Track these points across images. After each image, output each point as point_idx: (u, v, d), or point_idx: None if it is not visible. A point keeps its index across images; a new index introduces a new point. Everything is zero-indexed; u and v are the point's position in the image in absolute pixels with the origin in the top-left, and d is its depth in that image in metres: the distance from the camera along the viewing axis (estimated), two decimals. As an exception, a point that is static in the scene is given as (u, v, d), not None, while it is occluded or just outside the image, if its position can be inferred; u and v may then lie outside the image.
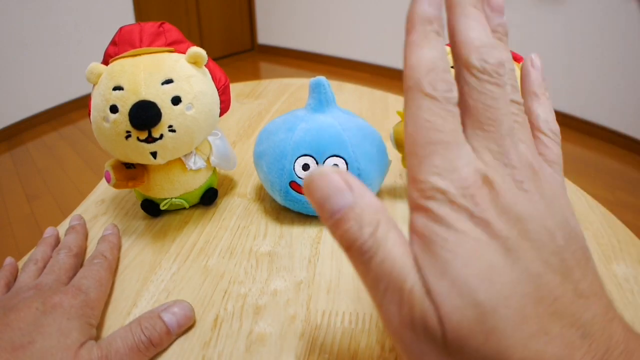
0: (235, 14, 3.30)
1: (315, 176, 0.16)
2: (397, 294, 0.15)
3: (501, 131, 0.16)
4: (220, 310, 0.29)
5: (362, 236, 0.15)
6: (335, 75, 2.74)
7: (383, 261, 0.15)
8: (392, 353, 0.26)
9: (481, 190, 0.15)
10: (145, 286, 0.31)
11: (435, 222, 0.15)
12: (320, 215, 0.16)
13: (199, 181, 0.38)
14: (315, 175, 0.16)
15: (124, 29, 0.34)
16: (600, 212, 0.39)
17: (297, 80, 0.75)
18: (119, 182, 0.34)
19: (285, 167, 0.35)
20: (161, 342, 0.26)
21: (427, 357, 0.14)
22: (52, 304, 0.25)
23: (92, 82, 0.33)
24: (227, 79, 0.38)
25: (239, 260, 0.33)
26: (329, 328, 0.27)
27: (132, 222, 0.39)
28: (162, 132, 0.31)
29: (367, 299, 0.30)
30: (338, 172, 0.16)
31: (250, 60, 3.33)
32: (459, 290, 0.14)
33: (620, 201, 1.57)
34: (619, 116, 1.91)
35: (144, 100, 0.30)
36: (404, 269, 0.15)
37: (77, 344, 0.24)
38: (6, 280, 0.30)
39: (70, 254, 0.32)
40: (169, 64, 0.32)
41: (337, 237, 0.16)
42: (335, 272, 0.32)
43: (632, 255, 0.34)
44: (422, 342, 0.14)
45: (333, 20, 2.93)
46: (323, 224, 0.16)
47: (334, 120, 0.36)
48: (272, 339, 0.27)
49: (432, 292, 0.14)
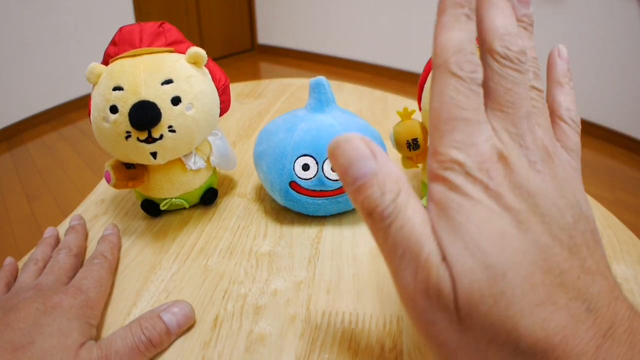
0: (235, 14, 3.30)
1: (340, 142, 0.17)
2: (414, 260, 0.15)
3: (519, 114, 0.16)
4: (220, 310, 0.29)
5: (384, 202, 0.16)
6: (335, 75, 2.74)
7: (402, 227, 0.15)
8: (392, 353, 0.26)
9: (496, 165, 0.16)
10: (145, 286, 0.31)
11: (452, 190, 0.15)
12: (342, 180, 0.17)
13: (199, 181, 0.38)
14: (341, 140, 0.17)
15: (124, 29, 0.34)
16: (600, 212, 0.39)
17: (297, 80, 0.75)
18: (119, 182, 0.34)
19: (285, 167, 0.35)
20: (161, 342, 0.26)
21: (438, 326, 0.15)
22: (52, 304, 0.25)
23: (92, 82, 0.33)
24: (227, 79, 0.38)
25: (239, 260, 0.33)
26: (329, 328, 0.27)
27: (132, 222, 0.39)
28: (162, 132, 0.31)
29: (367, 299, 0.30)
30: (362, 139, 0.17)
31: (250, 60, 3.33)
32: (471, 252, 0.14)
33: (620, 201, 1.57)
34: (619, 116, 1.91)
35: (144, 100, 0.30)
36: (422, 236, 0.15)
37: (77, 344, 0.24)
38: (6, 280, 0.30)
39: (70, 254, 0.32)
40: (169, 64, 0.32)
41: (359, 203, 0.16)
42: (335, 272, 0.32)
43: (632, 255, 0.34)
44: (435, 309, 0.15)
45: (333, 20, 2.93)
46: (346, 188, 0.17)
47: (334, 120, 0.36)
48: (272, 339, 0.27)
49: (446, 254, 0.15)
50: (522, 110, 0.17)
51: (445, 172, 0.16)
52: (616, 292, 0.15)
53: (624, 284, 0.31)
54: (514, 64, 0.17)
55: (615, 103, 1.90)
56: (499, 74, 0.17)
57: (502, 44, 0.17)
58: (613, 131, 1.94)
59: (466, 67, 0.16)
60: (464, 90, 0.16)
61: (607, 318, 0.14)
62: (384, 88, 0.73)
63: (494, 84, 0.17)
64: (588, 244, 0.16)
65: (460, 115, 0.16)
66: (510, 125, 0.16)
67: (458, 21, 0.17)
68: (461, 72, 0.16)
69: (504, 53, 0.17)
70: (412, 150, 0.35)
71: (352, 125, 0.36)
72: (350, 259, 0.33)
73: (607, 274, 0.16)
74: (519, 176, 0.16)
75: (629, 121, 1.89)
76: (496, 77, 0.17)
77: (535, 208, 0.15)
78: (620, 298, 0.15)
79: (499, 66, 0.17)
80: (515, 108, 0.16)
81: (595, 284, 0.15)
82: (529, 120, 0.17)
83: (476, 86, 0.16)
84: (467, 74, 0.16)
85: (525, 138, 0.16)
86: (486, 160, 0.15)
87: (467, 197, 0.15)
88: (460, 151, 0.16)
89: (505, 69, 0.17)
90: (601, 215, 0.38)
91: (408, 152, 0.35)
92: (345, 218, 0.38)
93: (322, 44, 3.08)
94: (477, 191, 0.15)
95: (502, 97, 0.17)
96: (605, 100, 1.93)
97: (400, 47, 2.66)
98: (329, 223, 0.37)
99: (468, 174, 0.15)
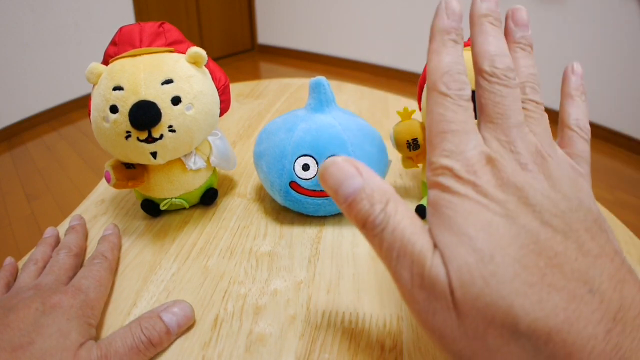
0: (235, 14, 3.30)
1: (327, 166, 0.18)
2: (409, 257, 0.16)
3: (509, 123, 0.18)
4: (220, 310, 0.29)
5: (374, 212, 0.17)
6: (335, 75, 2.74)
7: (394, 230, 0.17)
8: (392, 353, 0.26)
9: (485, 167, 0.17)
10: (145, 286, 0.31)
11: (444, 191, 0.17)
12: (335, 200, 0.18)
13: (199, 181, 0.38)
14: (328, 164, 0.18)
15: (124, 29, 0.34)
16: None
17: (297, 80, 0.75)
18: (119, 182, 0.34)
19: (285, 167, 0.35)
20: (161, 342, 0.26)
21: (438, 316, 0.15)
22: (52, 304, 0.25)
23: (92, 82, 0.33)
24: (227, 79, 0.38)
25: (239, 260, 0.33)
26: (329, 328, 0.27)
27: (132, 222, 0.38)
28: (162, 132, 0.31)
29: (367, 299, 0.30)
30: (348, 161, 0.18)
31: (250, 60, 3.33)
32: (459, 239, 0.16)
33: (620, 201, 1.57)
34: (619, 116, 1.91)
35: (143, 100, 0.30)
36: (413, 234, 0.16)
37: (76, 344, 0.24)
38: (6, 280, 0.30)
39: (70, 254, 0.32)
40: (169, 64, 0.32)
41: (352, 217, 0.18)
42: (335, 272, 0.32)
43: (632, 255, 0.34)
44: (433, 299, 0.16)
45: (333, 20, 2.93)
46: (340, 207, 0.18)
47: (334, 120, 0.36)
48: (272, 339, 0.27)
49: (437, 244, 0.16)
50: (512, 120, 0.18)
51: (437, 178, 0.17)
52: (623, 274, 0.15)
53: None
54: (501, 79, 0.18)
55: (615, 103, 1.90)
56: (488, 90, 0.18)
57: (490, 64, 0.19)
58: (613, 131, 1.94)
59: (453, 86, 0.18)
60: (451, 106, 0.18)
61: (615, 300, 0.14)
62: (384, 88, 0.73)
63: (485, 99, 0.18)
64: (589, 230, 0.16)
65: (448, 128, 0.17)
66: (500, 134, 0.18)
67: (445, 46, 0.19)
68: (449, 91, 0.18)
69: (491, 71, 0.18)
70: (412, 150, 0.35)
71: (352, 125, 0.36)
72: (350, 259, 0.33)
73: (613, 256, 0.15)
74: (507, 174, 0.16)
75: (629, 121, 1.89)
76: (486, 94, 0.18)
77: (524, 199, 0.16)
78: (629, 281, 0.15)
79: (487, 83, 0.18)
80: (504, 118, 0.18)
81: (596, 266, 0.15)
82: (520, 128, 0.18)
83: (464, 102, 0.18)
84: (454, 91, 0.18)
85: (516, 144, 0.17)
86: (474, 164, 0.17)
87: (456, 194, 0.16)
88: (450, 158, 0.17)
89: (493, 84, 0.18)
90: (601, 215, 0.38)
91: (408, 152, 0.35)
92: (345, 218, 0.38)
93: (322, 44, 3.07)
94: (466, 189, 0.16)
95: (492, 109, 0.18)
96: (605, 100, 1.93)
97: (401, 47, 2.66)
98: (329, 223, 0.37)
99: (457, 177, 0.17)
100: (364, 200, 0.17)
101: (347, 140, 0.35)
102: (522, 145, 0.17)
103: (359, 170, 0.18)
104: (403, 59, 2.68)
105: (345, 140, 0.35)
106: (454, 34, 0.19)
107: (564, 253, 0.15)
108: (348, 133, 0.35)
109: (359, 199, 0.17)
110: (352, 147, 0.35)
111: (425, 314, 0.16)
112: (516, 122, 0.18)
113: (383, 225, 0.17)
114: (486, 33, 0.20)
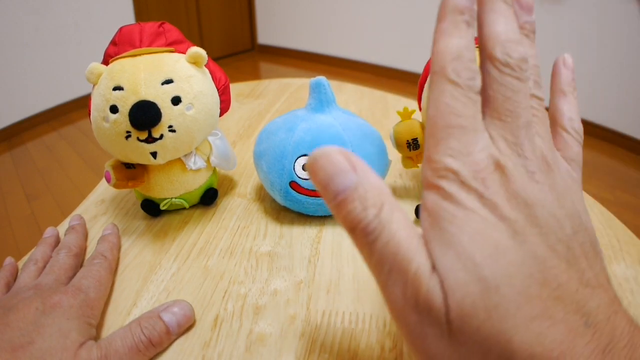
0: (235, 14, 3.30)
1: (318, 156, 0.16)
2: (402, 276, 0.15)
3: (518, 123, 0.16)
4: (220, 310, 0.29)
5: (367, 217, 0.15)
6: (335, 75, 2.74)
7: (388, 243, 0.15)
8: (392, 353, 0.26)
9: (493, 175, 0.15)
10: (145, 286, 0.31)
11: (445, 199, 0.15)
12: (323, 196, 0.16)
13: (199, 181, 0.38)
14: (319, 154, 0.16)
15: (124, 29, 0.34)
16: (600, 212, 0.39)
17: (297, 80, 0.75)
18: (119, 182, 0.34)
19: (285, 167, 0.35)
20: (161, 342, 0.26)
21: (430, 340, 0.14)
22: (52, 304, 0.25)
23: (92, 82, 0.33)
24: (227, 79, 0.38)
25: (239, 260, 0.33)
26: (329, 328, 0.27)
27: (132, 222, 0.39)
28: (162, 132, 0.31)
29: (367, 299, 0.30)
30: (341, 152, 0.16)
31: (250, 60, 3.33)
32: (463, 264, 0.14)
33: (620, 201, 1.57)
34: (619, 116, 1.91)
35: (144, 100, 0.30)
36: (409, 251, 0.15)
37: (76, 344, 0.24)
38: (6, 280, 0.30)
39: (70, 254, 0.32)
40: (169, 64, 0.32)
41: (341, 218, 0.16)
42: (335, 272, 0.32)
43: (632, 255, 0.34)
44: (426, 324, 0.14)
45: (333, 20, 2.93)
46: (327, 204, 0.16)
47: (334, 120, 0.36)
48: (272, 339, 0.27)
49: (437, 265, 0.14)
50: (522, 119, 0.16)
51: (439, 181, 0.15)
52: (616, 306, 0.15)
53: (624, 283, 0.31)
54: (515, 71, 0.16)
55: (615, 103, 1.90)
56: (499, 81, 0.16)
57: (503, 50, 0.16)
58: (613, 131, 1.94)
59: (464, 74, 0.16)
60: (461, 97, 0.16)
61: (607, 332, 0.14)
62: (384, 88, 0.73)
63: (493, 91, 0.16)
64: (587, 256, 0.15)
65: (456, 123, 0.15)
66: (508, 134, 0.16)
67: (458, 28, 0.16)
68: (458, 79, 0.16)
69: (504, 60, 0.16)
70: (412, 150, 0.35)
71: (352, 125, 0.36)
72: (350, 259, 0.33)
73: (607, 286, 0.15)
74: (516, 186, 0.15)
75: (628, 121, 1.89)
76: (495, 85, 0.16)
77: (533, 219, 0.15)
78: (620, 312, 0.15)
79: (499, 73, 0.16)
80: (514, 117, 0.16)
81: (594, 298, 0.14)
82: (528, 129, 0.16)
83: (474, 94, 0.16)
84: (465, 81, 0.16)
85: (523, 147, 0.16)
86: (482, 170, 0.15)
87: (460, 206, 0.15)
88: (455, 159, 0.15)
89: (505, 76, 0.16)
90: (601, 215, 0.38)
91: (408, 151, 0.35)
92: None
93: (323, 44, 3.07)
94: (472, 200, 0.15)
95: (501, 105, 0.16)
96: (605, 100, 1.93)
97: (401, 47, 2.66)
98: (329, 223, 0.37)
99: (462, 183, 0.15)
100: (355, 201, 0.15)
101: (347, 140, 0.35)
102: (529, 149, 0.16)
103: (352, 164, 0.16)
104: (403, 59, 2.68)
105: (345, 140, 0.35)
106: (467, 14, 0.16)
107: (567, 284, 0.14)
108: (348, 133, 0.35)
109: (350, 199, 0.15)
110: (352, 147, 0.35)
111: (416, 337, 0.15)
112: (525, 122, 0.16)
113: (376, 234, 0.15)
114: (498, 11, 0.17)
